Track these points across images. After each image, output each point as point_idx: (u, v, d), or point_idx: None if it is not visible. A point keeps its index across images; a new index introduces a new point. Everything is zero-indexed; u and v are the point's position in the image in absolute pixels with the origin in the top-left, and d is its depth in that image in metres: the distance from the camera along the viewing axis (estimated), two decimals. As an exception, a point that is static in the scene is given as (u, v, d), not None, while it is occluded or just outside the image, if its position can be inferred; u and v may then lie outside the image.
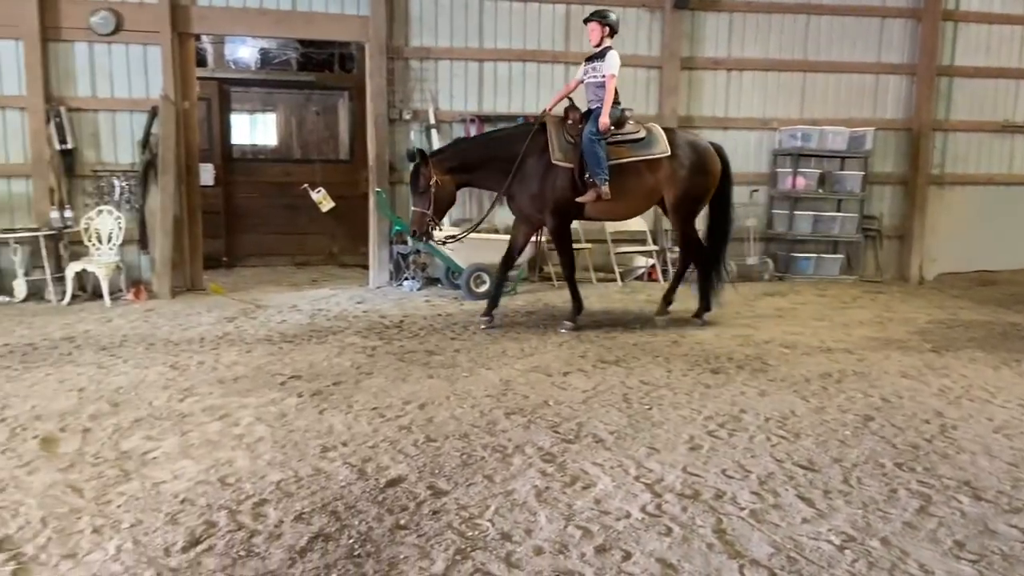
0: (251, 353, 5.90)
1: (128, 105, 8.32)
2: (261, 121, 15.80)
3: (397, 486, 3.54)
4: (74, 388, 4.96)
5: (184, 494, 3.44)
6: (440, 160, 6.41)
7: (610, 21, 6.54)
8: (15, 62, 7.96)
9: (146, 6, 8.16)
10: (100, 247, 8.02)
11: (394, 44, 8.83)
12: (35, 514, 3.23)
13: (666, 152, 6.55)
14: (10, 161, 8.09)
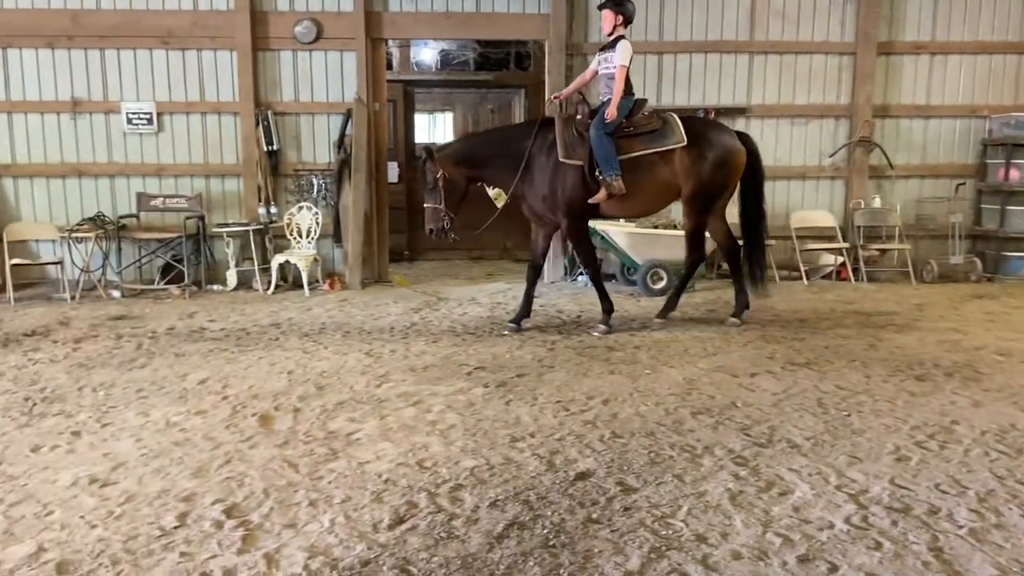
0: (437, 343, 6.14)
1: (326, 108, 8.89)
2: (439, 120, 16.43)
3: (586, 480, 3.56)
4: (284, 371, 5.37)
5: (386, 474, 3.63)
6: (446, 155, 6.32)
7: (624, 9, 6.27)
8: (230, 71, 8.72)
9: (343, 15, 8.69)
10: (300, 241, 8.65)
11: (573, 40, 8.88)
12: (258, 485, 3.53)
13: (681, 142, 6.19)
14: (225, 162, 8.88)
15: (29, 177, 8.70)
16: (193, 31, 8.57)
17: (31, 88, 8.58)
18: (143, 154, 8.78)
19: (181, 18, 8.56)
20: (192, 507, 3.31)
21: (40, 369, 5.46)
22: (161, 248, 8.64)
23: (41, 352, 5.93)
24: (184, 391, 4.93)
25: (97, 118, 8.69)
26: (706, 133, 6.35)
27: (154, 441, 4.06)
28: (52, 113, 8.63)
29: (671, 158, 6.21)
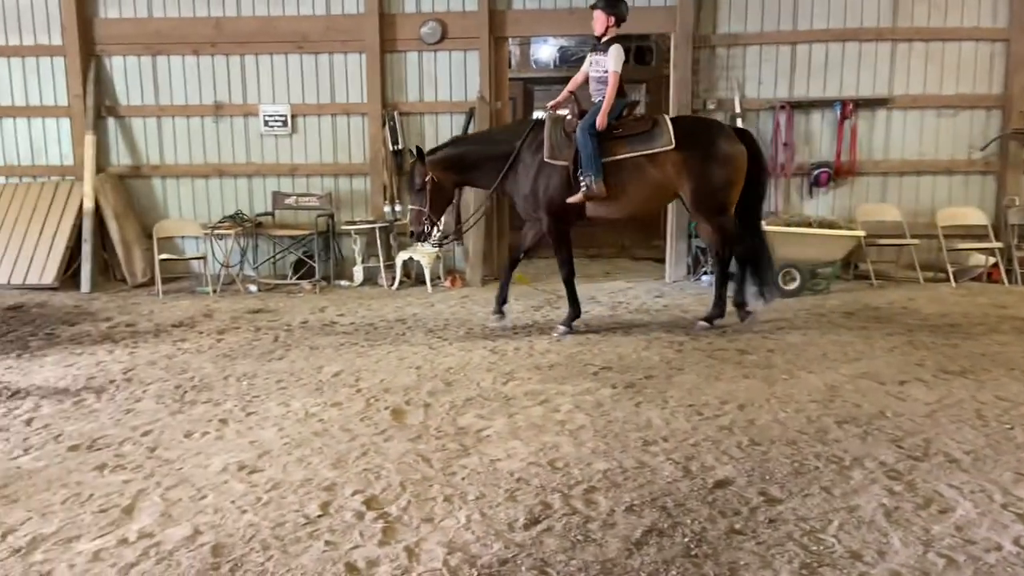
0: (561, 342, 6.10)
1: (448, 107, 9.01)
2: (557, 118, 16.28)
3: (726, 488, 3.43)
4: (412, 366, 5.47)
5: (519, 473, 3.62)
6: (435, 159, 6.26)
7: (617, 11, 6.09)
8: (359, 73, 8.98)
9: (468, 14, 8.78)
10: (423, 238, 8.80)
11: (700, 33, 8.64)
12: (394, 478, 3.59)
13: (669, 145, 5.95)
14: (353, 161, 9.15)
15: (176, 177, 9.25)
16: (326, 35, 8.87)
17: (178, 93, 9.10)
18: (278, 154, 9.17)
19: (315, 23, 8.88)
20: (333, 497, 3.39)
21: (188, 359, 5.78)
22: (294, 245, 9.00)
23: (188, 342, 6.28)
24: (320, 383, 5.09)
25: (237, 121, 9.14)
26: (698, 134, 6.10)
27: (295, 431, 4.21)
28: (196, 117, 9.14)
29: (660, 161, 6.03)
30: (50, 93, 9.15)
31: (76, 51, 8.86)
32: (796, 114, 8.63)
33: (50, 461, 3.86)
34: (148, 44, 8.97)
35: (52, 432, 4.27)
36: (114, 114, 9.15)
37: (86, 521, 3.21)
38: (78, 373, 5.42)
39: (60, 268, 8.69)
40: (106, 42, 9.00)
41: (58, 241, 8.82)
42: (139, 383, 5.17)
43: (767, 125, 8.71)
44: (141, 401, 4.79)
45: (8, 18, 8.99)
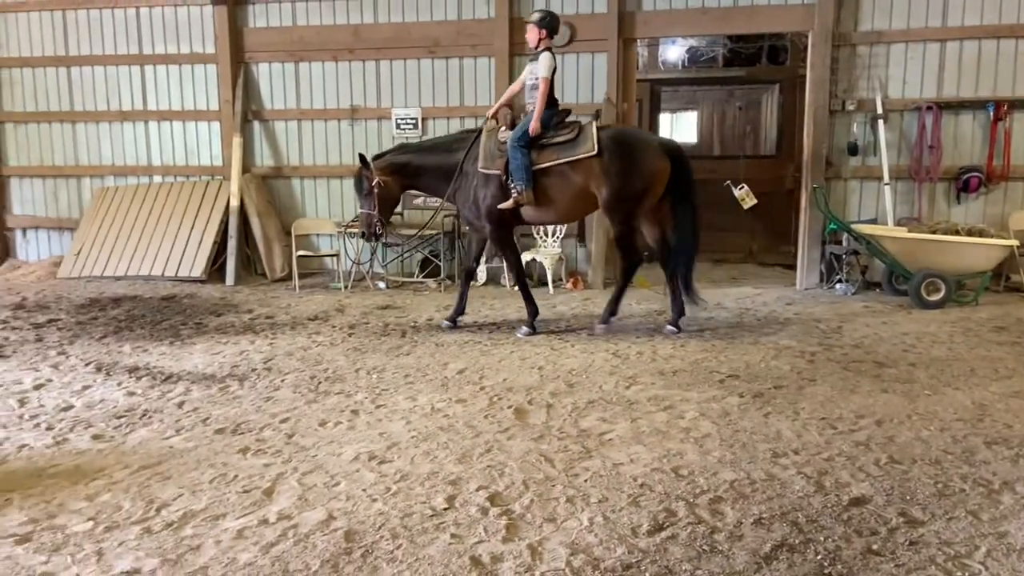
0: (685, 348, 5.99)
1: (575, 109, 8.99)
2: (682, 119, 16.10)
3: (862, 506, 3.27)
4: (534, 366, 5.52)
5: (642, 479, 3.58)
6: (381, 164, 6.56)
7: (546, 23, 6.29)
8: (487, 76, 9.14)
9: (597, 16, 8.77)
10: (546, 240, 8.86)
11: (840, 31, 8.27)
12: (517, 476, 3.63)
13: (591, 152, 6.12)
14: (480, 163, 9.32)
15: (313, 178, 9.72)
16: (456, 40, 9.09)
17: (317, 97, 9.56)
18: (408, 156, 9.46)
19: (446, 28, 9.11)
20: (458, 491, 3.47)
21: (322, 351, 6.05)
22: (421, 244, 9.26)
23: (322, 335, 6.57)
24: (445, 379, 5.22)
25: (371, 123, 9.50)
26: (618, 141, 6.21)
27: (422, 425, 4.33)
28: (334, 120, 9.56)
29: (583, 167, 6.17)
30: (203, 98, 9.81)
31: (227, 59, 9.46)
32: (944, 115, 8.12)
33: (199, 442, 4.14)
34: (291, 51, 9.46)
35: (201, 415, 4.57)
36: (259, 118, 9.71)
37: (231, 500, 3.42)
38: (223, 361, 5.78)
39: (208, 262, 9.31)
40: (254, 50, 9.56)
41: (206, 237, 9.44)
42: (278, 372, 5.46)
43: (911, 127, 8.25)
44: (280, 390, 5.06)
45: (167, 29, 9.70)
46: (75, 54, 9.96)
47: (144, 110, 9.96)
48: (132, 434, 4.27)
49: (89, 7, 9.81)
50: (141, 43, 9.80)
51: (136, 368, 5.59)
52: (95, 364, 5.68)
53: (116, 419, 4.51)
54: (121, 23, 9.80)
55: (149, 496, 3.46)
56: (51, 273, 9.76)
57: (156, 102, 9.91)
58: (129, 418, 4.53)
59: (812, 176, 8.45)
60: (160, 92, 9.89)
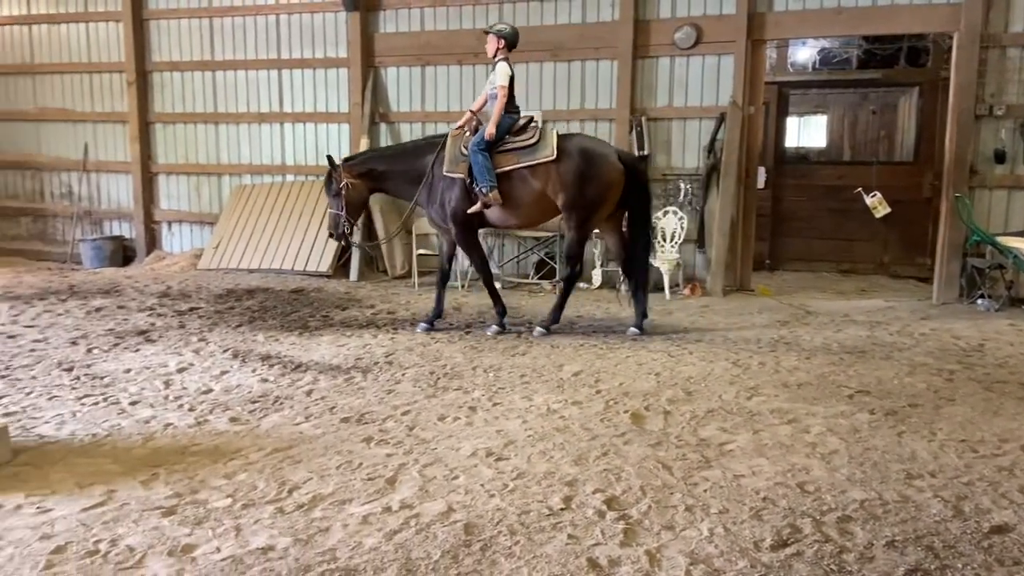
0: (811, 360, 5.78)
1: (698, 113, 8.88)
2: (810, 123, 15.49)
3: (1005, 534, 3.07)
4: (651, 372, 5.45)
5: (764, 492, 3.48)
6: (350, 166, 6.76)
7: (504, 34, 6.49)
8: (609, 79, 9.11)
9: (724, 18, 8.59)
10: (664, 245, 8.74)
11: (989, 31, 7.77)
12: (635, 482, 3.60)
13: (550, 157, 6.30)
14: (598, 166, 9.30)
15: (434, 178, 9.95)
16: (580, 43, 9.10)
17: (441, 100, 9.79)
18: (528, 158, 9.54)
19: (569, 31, 9.14)
20: (575, 492, 3.48)
21: (441, 348, 6.19)
22: (537, 246, 9.32)
23: (440, 332, 6.73)
24: (560, 381, 5.23)
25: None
26: (577, 149, 6.38)
27: (538, 424, 4.36)
28: (456, 122, 9.74)
29: (542, 172, 6.35)
30: (334, 101, 10.23)
31: (358, 63, 9.83)
32: (1108, 120, 7.51)
33: (326, 429, 4.32)
34: (419, 55, 9.73)
35: (327, 404, 4.77)
36: (385, 120, 10.04)
37: (356, 487, 3.55)
38: (348, 353, 6.01)
39: (334, 258, 9.69)
40: (383, 54, 9.89)
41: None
42: (399, 366, 5.63)
43: (1068, 132, 7.66)
44: (401, 383, 5.21)
45: (304, 35, 10.17)
46: (220, 59, 10.59)
47: (280, 112, 10.48)
48: (265, 418, 4.50)
49: (234, 15, 10.41)
50: (279, 48, 10.32)
51: (268, 356, 5.88)
52: (232, 351, 6.02)
53: (251, 404, 4.77)
54: (262, 29, 10.35)
55: (281, 478, 3.64)
56: (192, 264, 10.41)
57: (291, 104, 10.41)
58: (263, 403, 4.77)
59: (954, 184, 7.97)
60: (295, 95, 10.38)
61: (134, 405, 4.71)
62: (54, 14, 11.17)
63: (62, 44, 11.22)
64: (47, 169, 11.53)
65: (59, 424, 4.36)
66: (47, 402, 4.74)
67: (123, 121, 11.05)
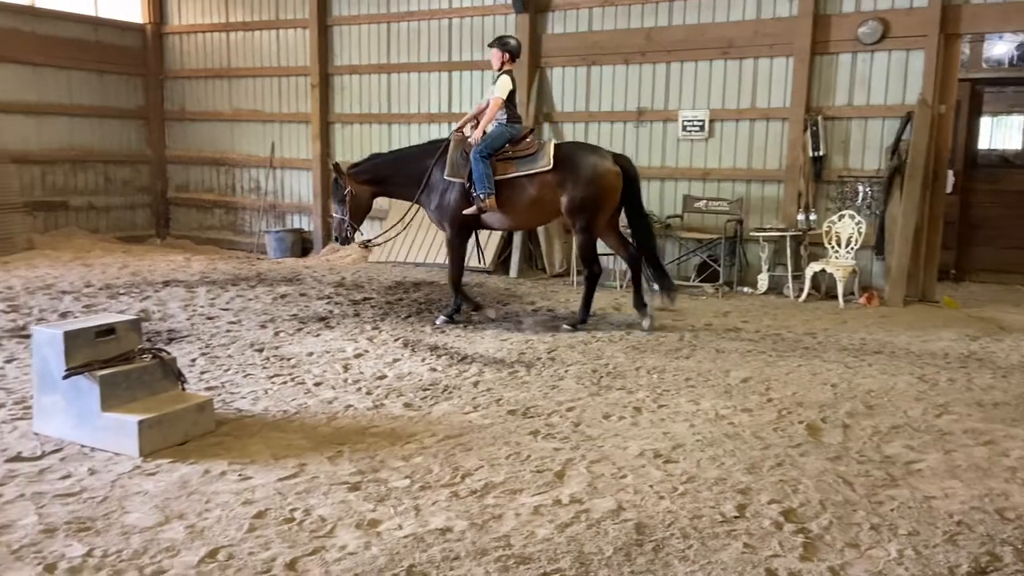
0: (1008, 379, 5.31)
1: (881, 112, 8.37)
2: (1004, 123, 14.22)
3: None
4: (826, 383, 5.20)
5: (959, 516, 3.24)
6: (355, 173, 6.99)
7: (510, 48, 6.80)
8: (783, 77, 8.76)
9: (915, 11, 8.04)
10: (838, 250, 8.30)
11: None
12: (813, 495, 3.45)
13: (547, 167, 6.61)
14: (767, 167, 8.98)
15: (596, 178, 9.96)
16: (753, 40, 8.82)
17: (606, 100, 9.78)
18: (692, 159, 9.36)
19: (742, 28, 8.88)
20: (749, 501, 3.38)
21: (602, 347, 6.20)
22: (700, 248, 9.12)
23: (600, 332, 6.73)
24: (728, 387, 5.10)
25: (656, 126, 9.53)
26: (573, 157, 6.66)
27: (706, 429, 4.27)
28: (620, 122, 9.73)
29: (540, 180, 6.65)
30: (500, 101, 10.44)
31: (525, 64, 9.90)
32: None
33: (494, 420, 4.43)
34: (585, 55, 9.77)
35: (494, 396, 4.89)
36: (550, 119, 10.15)
37: (526, 478, 3.62)
38: (511, 348, 6.13)
39: (495, 255, 9.91)
40: (550, 55, 10.01)
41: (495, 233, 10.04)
42: (561, 363, 5.68)
43: None
44: (564, 379, 5.26)
45: (475, 37, 10.45)
46: (395, 62, 11.09)
47: (448, 112, 10.82)
48: (436, 406, 4.67)
49: (409, 20, 10.87)
50: (451, 51, 10.68)
51: (436, 347, 6.10)
52: (402, 340, 6.30)
53: (422, 391, 4.97)
54: (435, 32, 10.74)
55: (455, 464, 3.77)
56: (363, 257, 10.97)
57: (459, 105, 10.72)
58: (433, 391, 4.96)
59: None
60: (463, 96, 10.70)
61: (318, 386, 5.03)
62: (249, 22, 12.10)
63: (255, 50, 12.14)
64: (238, 165, 12.52)
65: (254, 400, 4.73)
66: (242, 379, 5.15)
67: (306, 121, 11.81)
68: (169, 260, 10.60)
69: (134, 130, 12.81)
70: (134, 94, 12.73)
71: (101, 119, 12.28)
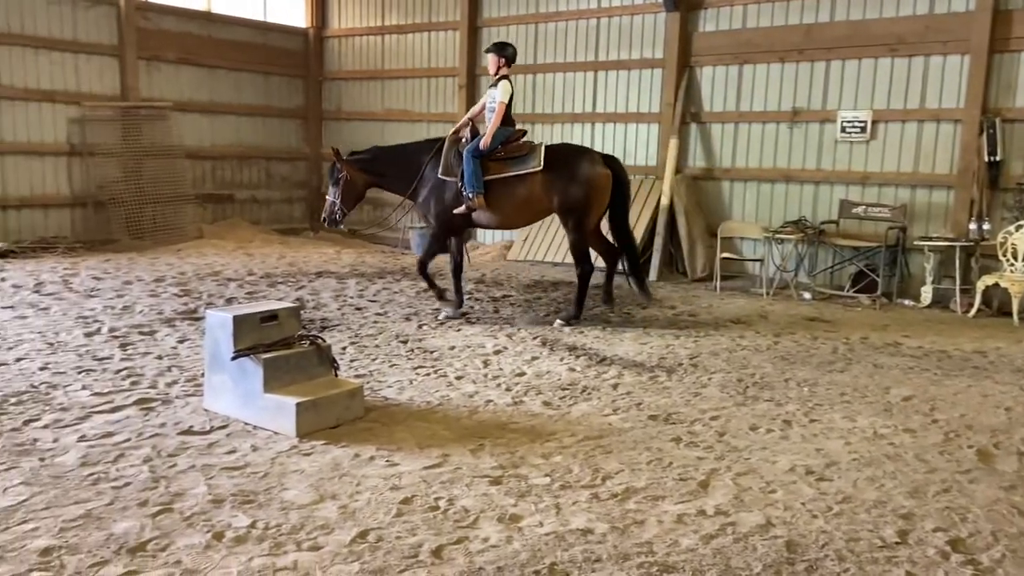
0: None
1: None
2: None
3: None
4: (999, 405, 4.79)
5: None
6: (354, 160, 7.22)
7: (507, 53, 6.95)
8: (956, 76, 8.15)
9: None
10: (1014, 264, 7.62)
11: None
12: (984, 525, 3.18)
13: (538, 167, 6.72)
14: (935, 171, 8.38)
15: (744, 181, 9.64)
16: (924, 36, 8.25)
17: (758, 100, 9.44)
18: (850, 162, 8.89)
19: (912, 24, 8.32)
20: (911, 527, 3.16)
21: (747, 355, 5.98)
22: (856, 256, 8.64)
23: (746, 339, 6.49)
24: (888, 404, 4.79)
25: (812, 127, 9.11)
26: (563, 159, 6.79)
27: (863, 448, 4.03)
28: (772, 123, 9.36)
29: (530, 180, 6.80)
30: (646, 101, 10.31)
31: (674, 63, 9.81)
32: None
33: (634, 424, 4.36)
34: (737, 54, 9.47)
35: (634, 399, 4.82)
36: (697, 120, 9.91)
37: (668, 485, 3.54)
38: (651, 352, 6.02)
39: (635, 257, 9.78)
40: (700, 53, 9.77)
41: (635, 232, 9.91)
42: (704, 370, 5.52)
43: None
44: (707, 387, 5.11)
45: (622, 37, 10.37)
46: (540, 62, 11.17)
47: (592, 112, 10.80)
48: (575, 406, 4.65)
49: (557, 20, 10.91)
50: (597, 50, 10.63)
51: (574, 347, 6.09)
52: (540, 339, 6.32)
53: (561, 390, 4.96)
54: (582, 33, 10.73)
55: (594, 465, 3.73)
56: (502, 255, 11.12)
57: (603, 105, 10.67)
58: (571, 391, 4.95)
59: None
60: (608, 96, 10.63)
61: (459, 380, 5.13)
62: (402, 24, 12.55)
63: (407, 52, 12.57)
64: (387, 163, 13.00)
65: (399, 389, 4.88)
66: (388, 369, 5.33)
67: (452, 121, 12.04)
68: (321, 252, 11.15)
69: (293, 129, 13.57)
70: (295, 95, 13.48)
71: (265, 118, 13.09)
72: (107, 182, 10.74)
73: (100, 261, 9.30)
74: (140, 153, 11.00)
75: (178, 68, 11.85)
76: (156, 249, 10.41)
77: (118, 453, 3.70)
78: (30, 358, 5.22)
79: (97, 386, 4.68)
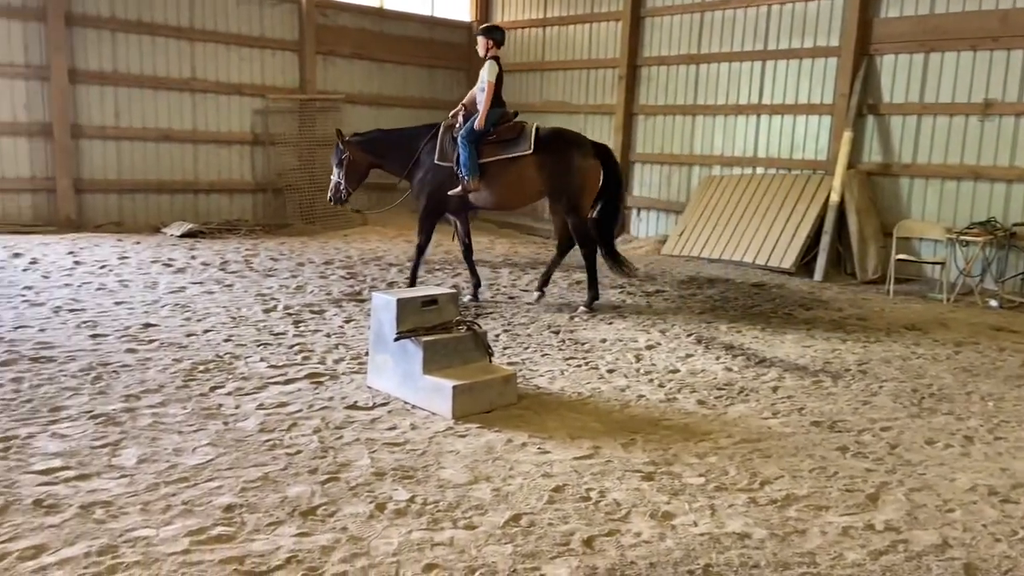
0: None
1: None
2: None
3: None
4: None
5: None
6: (356, 142, 7.34)
7: (495, 36, 6.99)
8: None
9: None
10: None
11: None
12: None
13: (528, 150, 6.80)
14: None
15: (925, 177, 8.96)
16: None
17: (944, 91, 8.73)
18: (1050, 159, 8.05)
19: None
20: (1118, 566, 2.83)
21: (924, 364, 5.56)
22: (1053, 262, 7.83)
23: (922, 348, 6.04)
24: (1089, 427, 4.31)
25: (1006, 121, 8.32)
26: (552, 142, 6.86)
27: (1059, 473, 3.65)
28: (960, 116, 8.63)
29: (521, 163, 6.84)
30: (817, 92, 9.79)
31: (850, 51, 9.24)
32: None
33: (795, 429, 4.17)
34: (922, 41, 8.79)
35: (795, 404, 4.60)
36: (874, 112, 9.30)
37: (832, 495, 3.36)
38: (815, 355, 5.73)
39: (798, 256, 9.34)
40: (880, 41, 9.15)
41: (800, 230, 9.48)
42: (874, 377, 5.19)
43: None
44: (877, 395, 4.80)
45: (794, 24, 9.89)
46: (705, 52, 10.86)
47: (758, 104, 10.38)
48: (732, 407, 4.51)
49: (724, 8, 10.57)
50: (766, 39, 10.20)
51: (731, 346, 5.89)
52: (695, 336, 6.17)
53: (716, 390, 4.82)
54: (751, 21, 10.33)
55: (752, 469, 3.60)
56: (656, 249, 10.94)
57: (771, 96, 10.24)
58: (728, 392, 4.80)
59: None
60: (776, 86, 10.18)
61: (611, 373, 5.10)
62: (564, 16, 12.57)
63: (567, 43, 12.59)
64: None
65: (551, 379, 4.91)
66: (540, 358, 5.38)
67: (610, 113, 12.02)
68: (475, 241, 11.40)
69: (455, 120, 13.95)
70: (456, 87, 13.82)
71: (427, 111, 13.53)
72: (284, 170, 11.50)
73: (277, 243, 9.97)
74: (314, 143, 11.70)
75: (351, 62, 12.47)
76: (325, 234, 11.03)
77: (291, 422, 3.95)
78: (216, 330, 5.68)
79: (273, 359, 5.03)
